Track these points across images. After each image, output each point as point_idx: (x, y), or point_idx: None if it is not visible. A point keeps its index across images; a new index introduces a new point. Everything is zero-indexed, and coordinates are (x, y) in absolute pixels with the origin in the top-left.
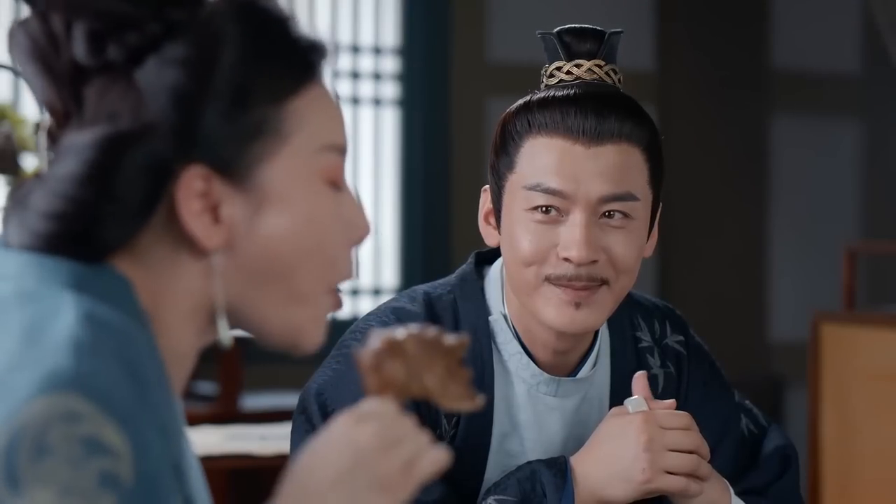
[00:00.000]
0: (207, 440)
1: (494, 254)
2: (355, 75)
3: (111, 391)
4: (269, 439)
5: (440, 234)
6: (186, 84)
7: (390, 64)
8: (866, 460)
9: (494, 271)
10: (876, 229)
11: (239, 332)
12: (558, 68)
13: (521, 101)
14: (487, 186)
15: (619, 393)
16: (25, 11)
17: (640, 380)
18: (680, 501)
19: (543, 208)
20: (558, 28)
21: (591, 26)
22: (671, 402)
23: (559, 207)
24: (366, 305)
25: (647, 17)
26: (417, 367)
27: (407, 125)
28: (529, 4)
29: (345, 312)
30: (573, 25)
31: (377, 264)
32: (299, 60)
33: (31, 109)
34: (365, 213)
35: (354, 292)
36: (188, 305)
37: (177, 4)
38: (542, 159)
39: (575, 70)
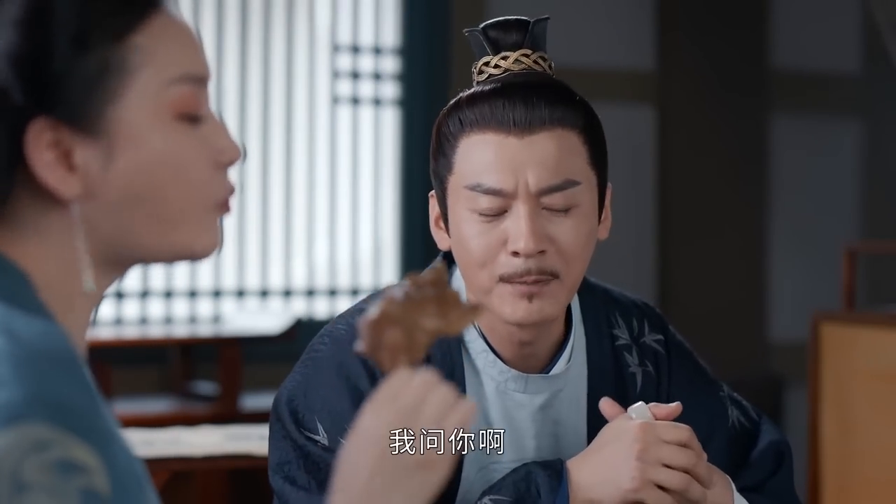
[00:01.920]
0: (207, 440)
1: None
2: (355, 75)
3: (66, 406)
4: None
5: None
6: (22, 44)
7: (390, 64)
8: (866, 460)
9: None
10: (876, 229)
11: (239, 333)
12: (486, 63)
13: (451, 102)
14: (433, 192)
15: (597, 390)
16: None
17: (604, 404)
18: None
19: (487, 211)
20: (483, 24)
21: (514, 17)
22: (676, 405)
23: (502, 206)
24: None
25: (647, 18)
26: (413, 321)
27: (407, 125)
28: (529, 5)
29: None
30: (497, 19)
31: (377, 264)
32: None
33: None
34: (231, 136)
35: (354, 292)
36: (72, 264)
37: None
38: (477, 156)
39: (503, 63)
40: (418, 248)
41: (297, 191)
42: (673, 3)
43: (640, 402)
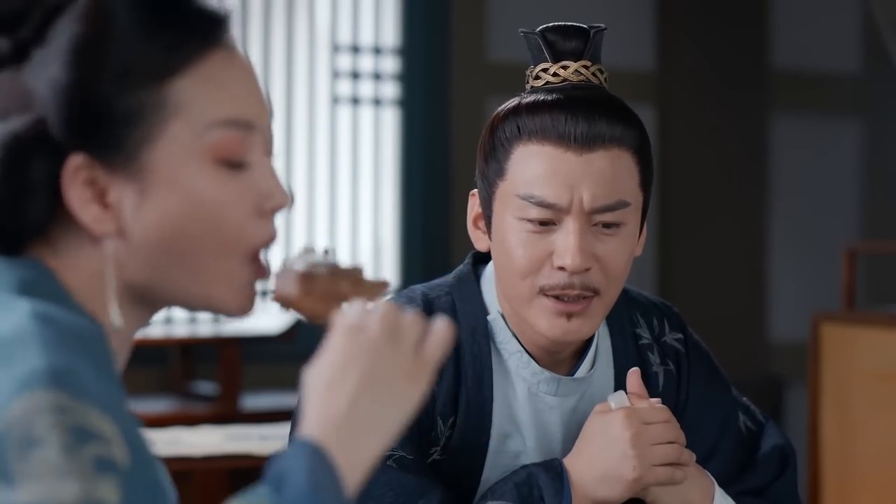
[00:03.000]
0: (207, 440)
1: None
2: (355, 75)
3: (86, 383)
4: (269, 439)
5: (440, 234)
6: (65, 76)
7: (390, 64)
8: (866, 460)
9: (490, 271)
10: (876, 229)
11: (239, 333)
12: (545, 70)
13: (509, 105)
14: (476, 191)
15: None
16: None
17: (633, 376)
18: (662, 493)
19: (537, 221)
20: (542, 27)
21: (574, 24)
22: (656, 400)
23: (552, 218)
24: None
25: (647, 17)
26: (334, 280)
27: (407, 125)
28: (529, 4)
29: None
30: (557, 24)
31: (377, 264)
32: (185, 35)
33: None
34: (280, 182)
35: None
36: (101, 294)
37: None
38: (533, 168)
39: (561, 72)
40: (418, 248)
41: (298, 191)
42: (673, 2)
43: (619, 391)
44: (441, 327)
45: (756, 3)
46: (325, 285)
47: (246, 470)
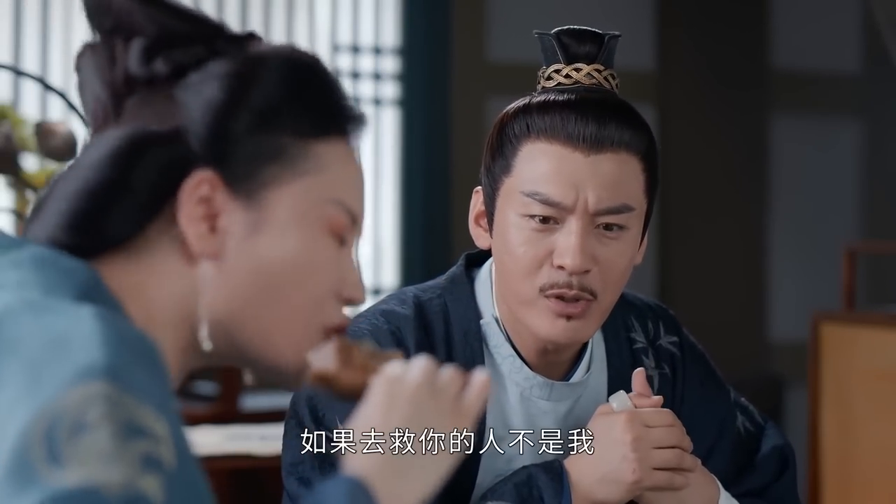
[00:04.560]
0: (207, 440)
1: (484, 255)
2: (355, 75)
3: (143, 383)
4: (269, 439)
5: (440, 234)
6: (220, 96)
7: (390, 64)
8: (866, 460)
9: (484, 273)
10: (876, 229)
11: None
12: (557, 71)
13: (519, 103)
14: (479, 188)
15: None
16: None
17: (638, 377)
18: (658, 498)
19: (540, 218)
20: (557, 29)
21: (589, 28)
22: (658, 398)
23: (556, 217)
24: (364, 306)
25: (647, 18)
26: (371, 353)
27: (407, 125)
28: (529, 5)
29: None
30: (572, 27)
31: (377, 264)
32: (333, 114)
33: (31, 109)
34: (363, 281)
35: None
36: (173, 314)
37: (230, 38)
38: (540, 166)
39: (574, 74)
40: (418, 248)
41: None
42: (673, 3)
43: (619, 391)
44: (480, 379)
45: (756, 4)
46: (363, 357)
47: (246, 470)
